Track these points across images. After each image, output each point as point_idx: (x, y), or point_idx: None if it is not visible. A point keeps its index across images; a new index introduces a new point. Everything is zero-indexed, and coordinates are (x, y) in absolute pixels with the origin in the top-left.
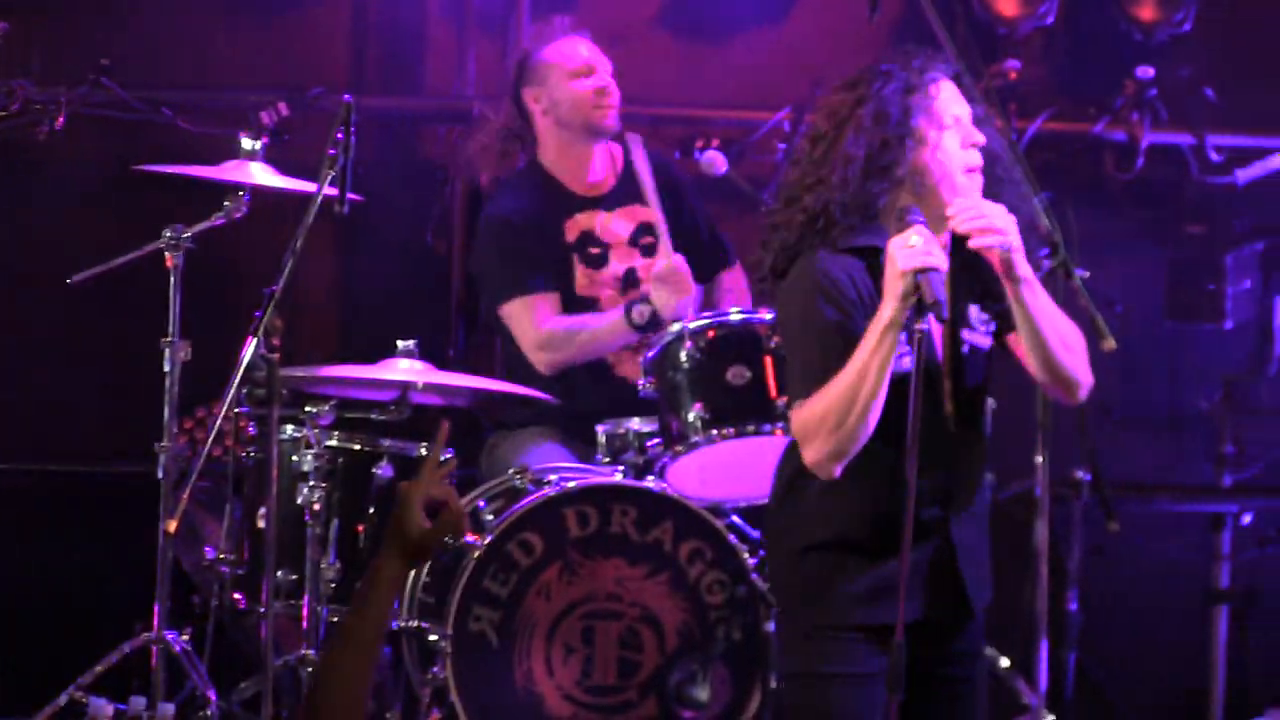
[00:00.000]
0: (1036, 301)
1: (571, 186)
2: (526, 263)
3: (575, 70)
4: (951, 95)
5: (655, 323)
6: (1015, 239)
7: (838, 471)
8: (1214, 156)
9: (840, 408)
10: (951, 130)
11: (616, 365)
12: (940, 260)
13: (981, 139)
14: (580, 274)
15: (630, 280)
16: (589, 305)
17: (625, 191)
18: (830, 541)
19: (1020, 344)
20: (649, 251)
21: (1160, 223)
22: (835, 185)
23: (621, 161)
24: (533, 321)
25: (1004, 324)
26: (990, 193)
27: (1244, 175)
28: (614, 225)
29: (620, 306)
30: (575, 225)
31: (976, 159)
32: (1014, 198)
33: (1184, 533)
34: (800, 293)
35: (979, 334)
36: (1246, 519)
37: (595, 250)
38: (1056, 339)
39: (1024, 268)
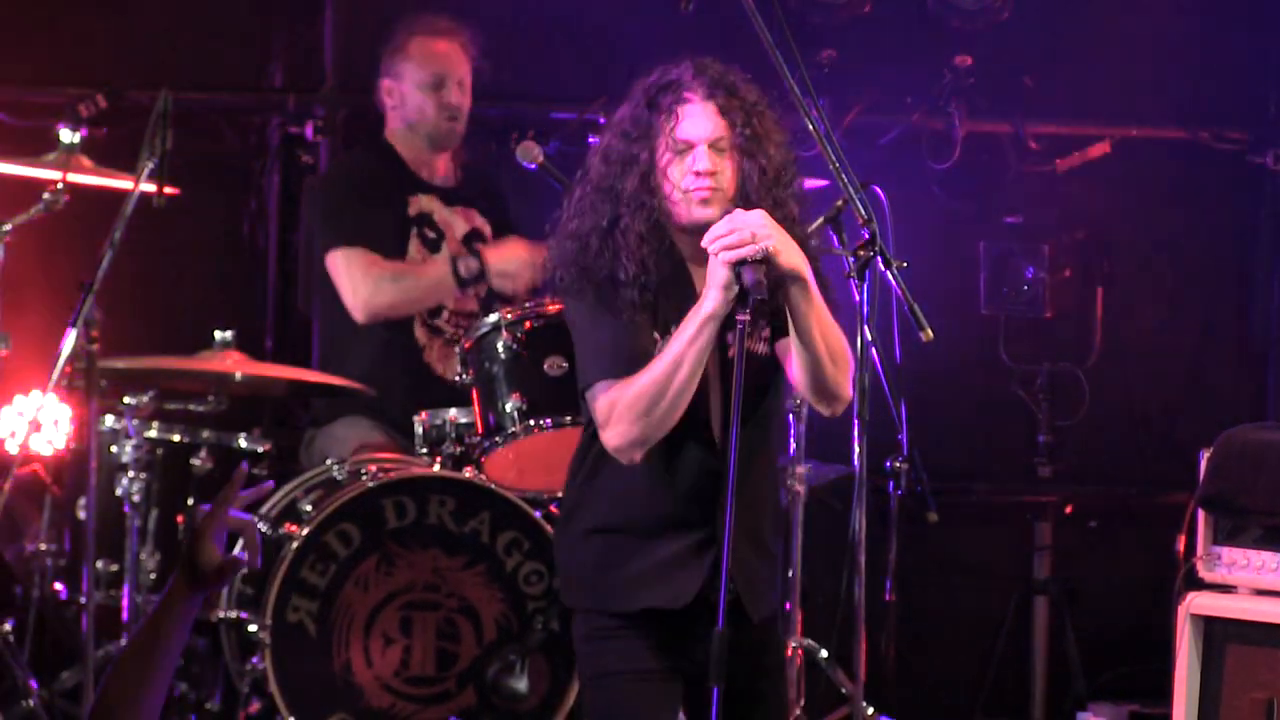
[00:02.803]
0: (806, 304)
1: (415, 169)
2: (359, 216)
3: (425, 81)
4: (689, 118)
5: (479, 281)
6: (774, 241)
7: (639, 456)
8: (1032, 146)
9: (652, 395)
10: (678, 156)
11: (427, 355)
12: (763, 237)
13: (702, 166)
14: (415, 250)
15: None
16: None
17: (465, 192)
18: (605, 527)
19: (788, 350)
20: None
21: (979, 213)
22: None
23: (457, 167)
24: (360, 266)
25: (777, 331)
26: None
27: (1063, 164)
28: (450, 219)
29: (447, 258)
30: (417, 203)
31: (695, 183)
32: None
33: (1003, 523)
34: (572, 263)
35: (754, 340)
36: (1066, 509)
37: (431, 234)
38: (825, 348)
39: (792, 266)
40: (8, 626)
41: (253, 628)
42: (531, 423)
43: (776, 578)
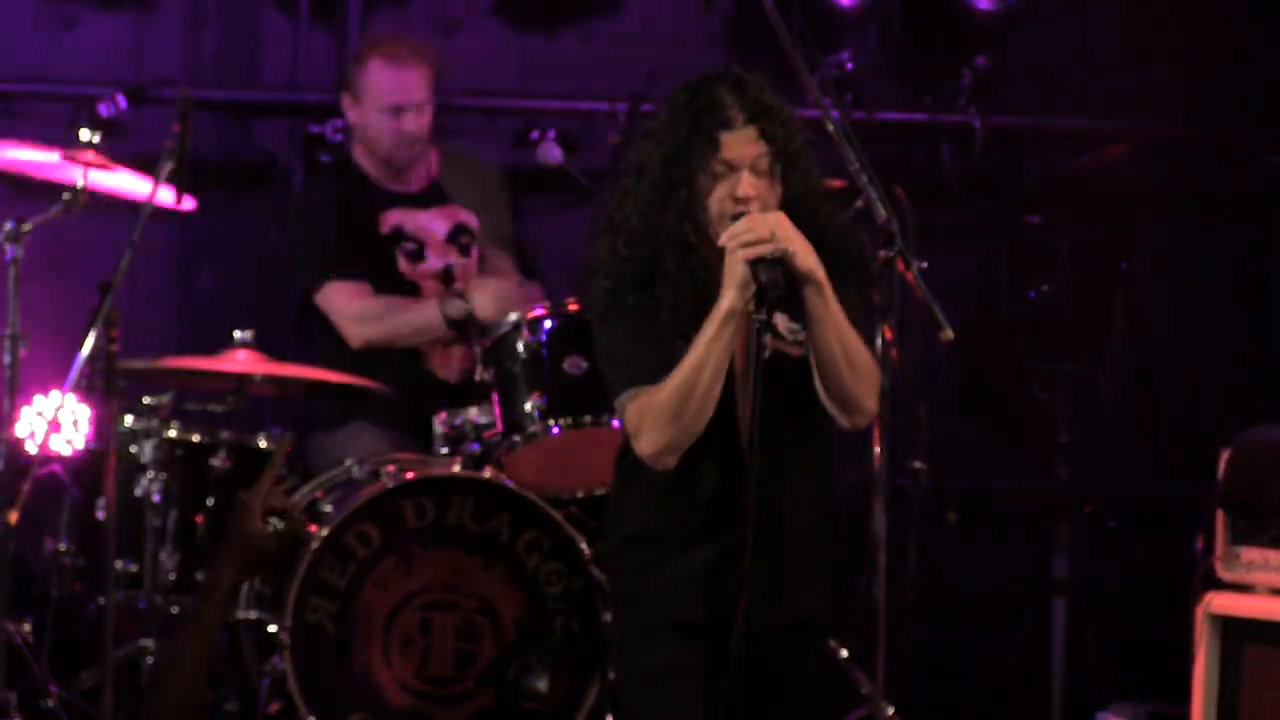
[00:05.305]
0: (821, 307)
1: (382, 184)
2: (335, 249)
3: (386, 106)
4: (733, 143)
5: (468, 321)
6: (792, 244)
7: (673, 462)
8: (1052, 146)
9: (678, 399)
10: (720, 180)
11: (428, 360)
12: (781, 238)
13: (746, 192)
14: (403, 264)
15: (448, 276)
16: (414, 290)
17: (444, 189)
18: (639, 535)
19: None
20: (466, 251)
21: (998, 211)
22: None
23: (436, 164)
24: (347, 299)
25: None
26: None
27: (1082, 164)
28: (427, 223)
29: (436, 302)
30: (387, 220)
31: (737, 210)
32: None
33: (1022, 523)
34: (605, 280)
35: (787, 343)
36: (1085, 510)
37: (411, 245)
38: (842, 354)
39: (807, 268)
40: (27, 626)
41: (272, 628)
42: (551, 422)
43: (824, 586)
